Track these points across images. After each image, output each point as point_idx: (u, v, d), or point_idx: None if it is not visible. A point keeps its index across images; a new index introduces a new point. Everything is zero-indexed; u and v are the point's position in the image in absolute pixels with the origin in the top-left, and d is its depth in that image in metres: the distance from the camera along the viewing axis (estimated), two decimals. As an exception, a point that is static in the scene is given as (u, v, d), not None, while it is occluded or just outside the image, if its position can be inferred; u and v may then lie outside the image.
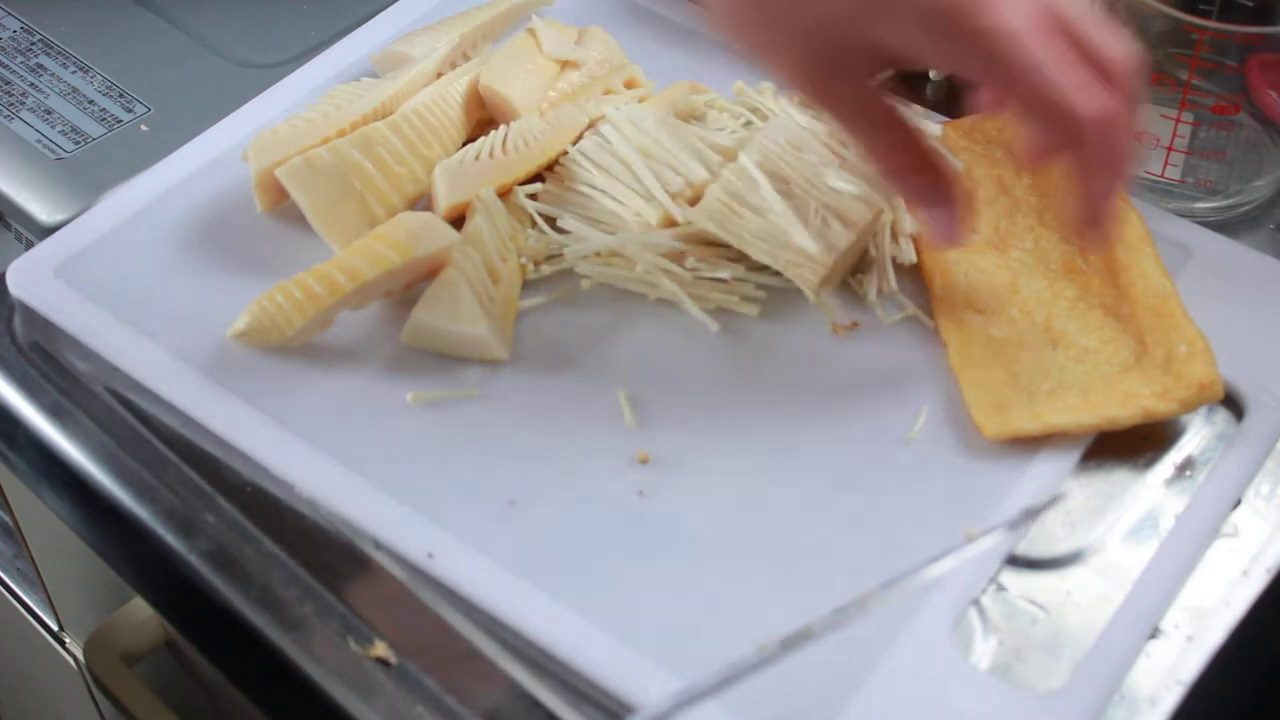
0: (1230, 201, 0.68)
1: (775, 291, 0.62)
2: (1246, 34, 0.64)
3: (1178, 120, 0.67)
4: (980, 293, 0.61)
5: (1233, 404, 0.59)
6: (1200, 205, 0.68)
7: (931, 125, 0.66)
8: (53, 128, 0.73)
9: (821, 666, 0.50)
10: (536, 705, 0.51)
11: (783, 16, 0.52)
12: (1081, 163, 0.52)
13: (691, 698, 0.46)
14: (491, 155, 0.65)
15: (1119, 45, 0.52)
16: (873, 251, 0.63)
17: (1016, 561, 0.54)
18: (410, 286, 0.62)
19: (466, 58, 0.73)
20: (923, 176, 0.56)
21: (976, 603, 0.52)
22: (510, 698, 0.51)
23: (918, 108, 0.71)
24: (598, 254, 0.63)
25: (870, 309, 0.62)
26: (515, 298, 0.62)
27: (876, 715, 0.49)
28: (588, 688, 0.50)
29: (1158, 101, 0.68)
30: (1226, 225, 0.68)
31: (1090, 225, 0.54)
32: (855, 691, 0.49)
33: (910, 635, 0.50)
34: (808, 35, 0.52)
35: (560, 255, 0.63)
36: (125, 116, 0.74)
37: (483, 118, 0.69)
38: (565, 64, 0.70)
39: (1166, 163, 0.68)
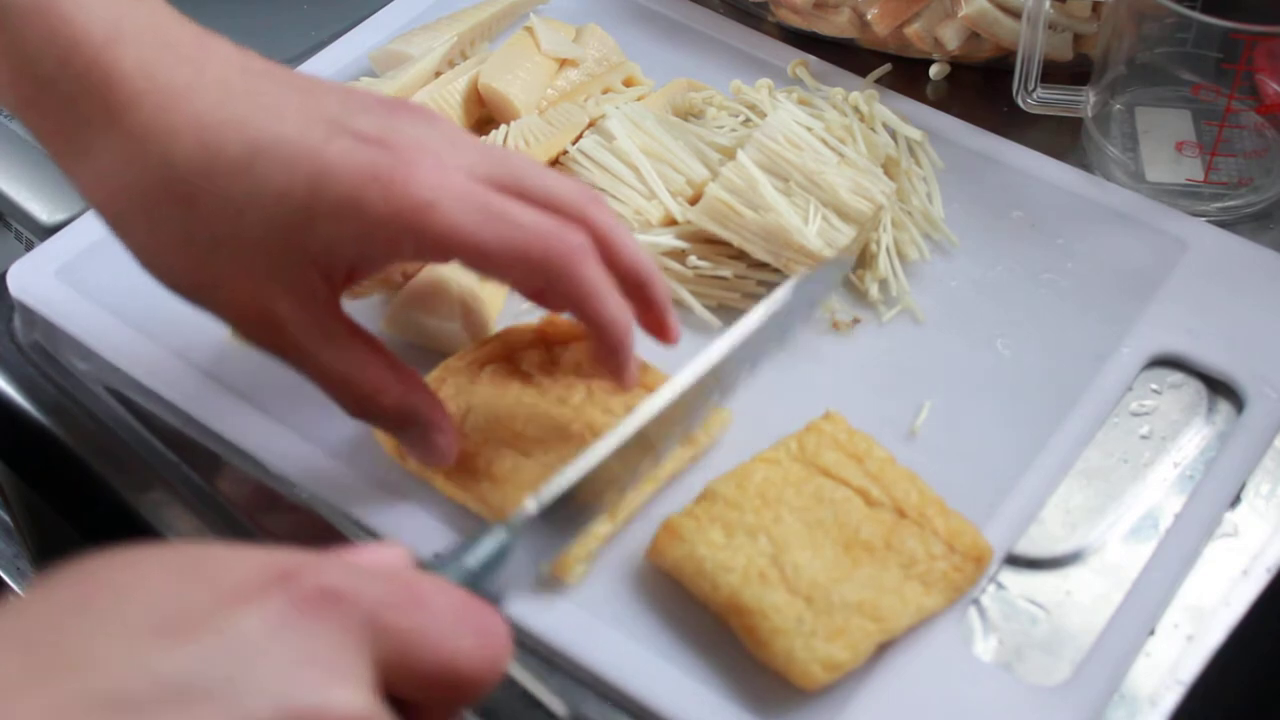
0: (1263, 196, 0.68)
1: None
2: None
3: (1223, 125, 0.67)
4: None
5: (1233, 396, 0.59)
6: (1230, 204, 0.67)
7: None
8: (52, 127, 0.73)
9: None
10: (536, 705, 0.51)
11: (219, 237, 0.47)
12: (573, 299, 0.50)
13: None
14: (491, 154, 0.65)
15: (566, 187, 0.51)
16: (873, 247, 0.63)
17: (1016, 561, 0.54)
18: (411, 277, 0.62)
19: (465, 56, 0.73)
20: (409, 399, 0.52)
21: (976, 602, 0.52)
22: (510, 697, 0.51)
23: (916, 103, 0.71)
24: (598, 253, 0.63)
25: (871, 305, 0.62)
26: (502, 293, 0.62)
27: (879, 713, 0.49)
28: (588, 687, 0.50)
29: (1206, 114, 0.68)
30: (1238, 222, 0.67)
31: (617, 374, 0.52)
32: (858, 688, 0.49)
33: (913, 632, 0.50)
34: (253, 255, 0.48)
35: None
36: (125, 115, 0.74)
37: (482, 116, 0.69)
38: (564, 62, 0.70)
39: (1210, 167, 0.67)
